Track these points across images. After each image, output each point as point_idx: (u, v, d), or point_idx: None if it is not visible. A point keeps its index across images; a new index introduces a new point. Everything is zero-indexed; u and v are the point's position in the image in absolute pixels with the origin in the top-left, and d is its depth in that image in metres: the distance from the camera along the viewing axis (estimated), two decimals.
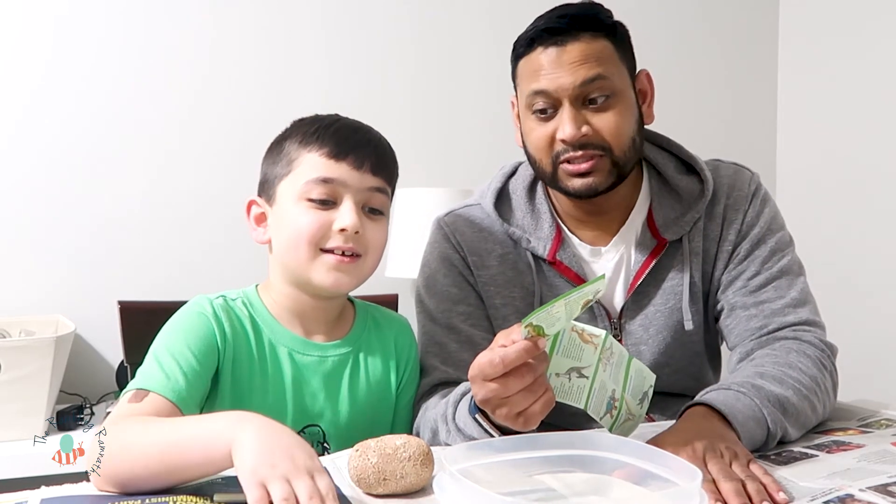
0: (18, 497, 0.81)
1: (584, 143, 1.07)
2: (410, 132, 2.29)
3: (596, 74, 1.05)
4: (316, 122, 1.04)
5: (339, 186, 1.00)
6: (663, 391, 1.18)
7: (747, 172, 1.20)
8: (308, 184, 0.99)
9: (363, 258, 1.02)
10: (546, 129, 1.09)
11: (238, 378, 1.01)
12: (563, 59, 1.05)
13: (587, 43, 1.06)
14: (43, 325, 1.87)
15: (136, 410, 0.89)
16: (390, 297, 1.75)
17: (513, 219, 1.18)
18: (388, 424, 1.11)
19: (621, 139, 1.08)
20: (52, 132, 2.00)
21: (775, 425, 0.93)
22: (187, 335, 0.98)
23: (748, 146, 2.60)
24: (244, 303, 1.06)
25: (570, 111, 1.06)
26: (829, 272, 2.27)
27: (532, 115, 1.10)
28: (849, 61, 2.43)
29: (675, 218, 1.15)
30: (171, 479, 0.80)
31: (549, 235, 1.16)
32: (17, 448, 1.61)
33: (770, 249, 1.15)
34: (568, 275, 1.15)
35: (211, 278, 2.03)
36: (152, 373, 0.94)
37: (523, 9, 2.39)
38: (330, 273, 1.00)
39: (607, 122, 1.07)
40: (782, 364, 1.01)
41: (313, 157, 1.01)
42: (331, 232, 0.99)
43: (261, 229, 1.06)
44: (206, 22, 2.13)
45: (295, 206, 1.00)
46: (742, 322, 1.13)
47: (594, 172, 1.08)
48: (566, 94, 1.06)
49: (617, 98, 1.07)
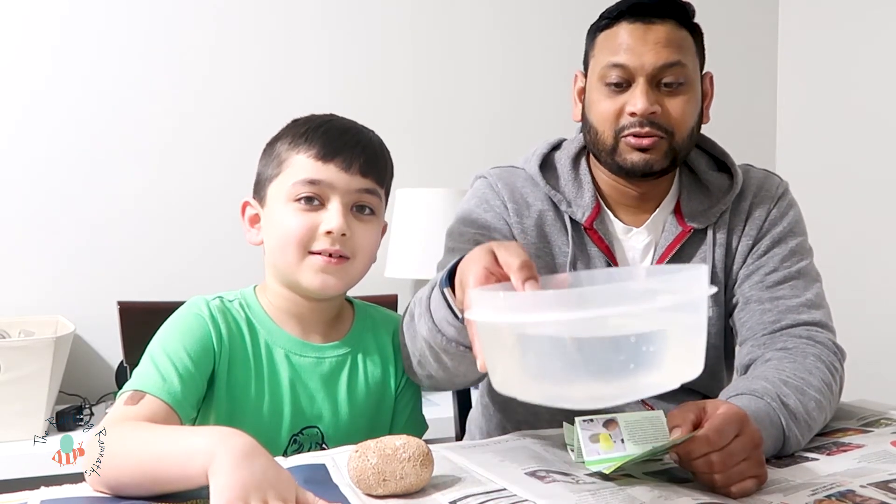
0: (18, 497, 0.81)
1: (652, 121, 1.10)
2: (410, 132, 2.29)
3: (677, 60, 1.09)
4: (307, 123, 1.04)
5: (327, 188, 1.00)
6: None
7: (777, 178, 1.23)
8: (296, 185, 0.99)
9: (352, 260, 1.01)
10: (616, 103, 1.11)
11: (234, 380, 1.01)
12: (648, 38, 1.09)
13: (673, 28, 1.10)
14: (42, 326, 1.87)
15: (132, 413, 0.89)
16: (390, 297, 1.74)
17: (556, 184, 1.20)
18: (387, 426, 1.11)
19: (684, 126, 1.11)
20: (52, 132, 2.00)
21: (794, 443, 0.94)
22: (183, 336, 0.98)
23: (748, 146, 2.60)
24: (241, 304, 1.06)
25: (645, 87, 1.09)
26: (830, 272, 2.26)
27: (605, 86, 1.12)
28: (849, 61, 2.43)
29: (703, 210, 1.18)
30: (153, 490, 0.80)
31: (590, 205, 1.17)
32: (17, 448, 1.61)
33: (790, 250, 1.16)
34: (600, 245, 1.17)
35: (210, 279, 2.03)
36: (148, 374, 0.94)
37: (524, 9, 2.41)
38: (317, 275, 1.00)
39: (676, 107, 1.10)
40: (801, 371, 1.01)
41: (301, 159, 1.00)
42: (318, 234, 0.99)
43: (254, 230, 1.06)
44: (206, 22, 2.12)
45: (284, 208, 1.00)
46: (756, 315, 1.13)
47: (653, 150, 1.11)
48: (644, 72, 1.09)
49: (689, 87, 1.11)
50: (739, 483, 0.80)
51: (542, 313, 0.63)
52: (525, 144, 1.34)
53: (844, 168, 2.45)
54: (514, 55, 2.41)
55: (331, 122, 1.05)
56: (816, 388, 0.99)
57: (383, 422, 1.10)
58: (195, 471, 0.75)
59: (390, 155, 1.09)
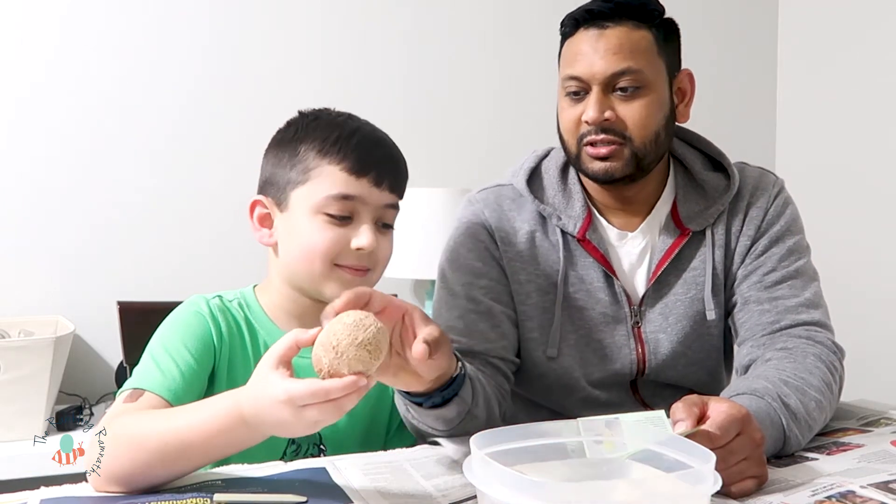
0: (18, 497, 0.81)
1: (606, 128, 1.09)
2: (410, 132, 2.27)
3: (626, 67, 1.07)
4: (334, 129, 1.01)
5: (359, 203, 0.99)
6: (675, 384, 1.18)
7: (773, 176, 1.22)
8: (327, 199, 0.98)
9: (372, 271, 1.02)
10: (575, 112, 1.11)
11: (234, 379, 1.01)
12: (599, 46, 1.08)
13: (628, 31, 1.09)
14: (42, 326, 1.86)
15: (132, 410, 0.89)
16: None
17: (544, 197, 1.20)
18: (385, 428, 1.11)
19: (644, 131, 1.10)
20: (52, 132, 2.00)
21: (794, 443, 0.94)
22: (184, 334, 0.98)
23: (748, 146, 2.60)
24: (240, 304, 1.06)
25: (598, 95, 1.09)
26: (829, 271, 2.26)
27: (565, 96, 1.13)
28: (849, 61, 2.43)
29: (700, 211, 1.17)
30: (172, 468, 0.81)
31: (581, 215, 1.17)
32: (16, 448, 1.61)
33: (788, 249, 1.16)
34: (595, 255, 1.16)
35: (210, 278, 2.02)
36: (148, 371, 0.94)
37: (523, 9, 2.41)
38: (342, 288, 0.98)
39: (631, 112, 1.09)
40: (802, 371, 1.01)
41: (334, 171, 0.98)
42: (348, 249, 0.99)
43: (265, 231, 1.04)
44: (205, 21, 2.12)
45: (311, 220, 0.99)
46: (754, 316, 1.13)
47: (612, 158, 1.10)
48: (596, 80, 1.08)
49: (646, 91, 1.09)
50: (739, 482, 0.80)
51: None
52: (525, 143, 1.33)
53: (844, 167, 2.45)
54: (514, 54, 2.41)
55: (360, 130, 1.03)
56: (817, 388, 0.99)
57: (381, 424, 1.10)
58: (231, 420, 0.78)
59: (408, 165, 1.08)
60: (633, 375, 1.19)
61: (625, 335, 1.17)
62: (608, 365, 1.18)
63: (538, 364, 1.19)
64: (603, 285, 1.17)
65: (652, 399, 1.20)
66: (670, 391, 1.17)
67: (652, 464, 0.74)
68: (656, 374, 1.18)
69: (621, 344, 1.17)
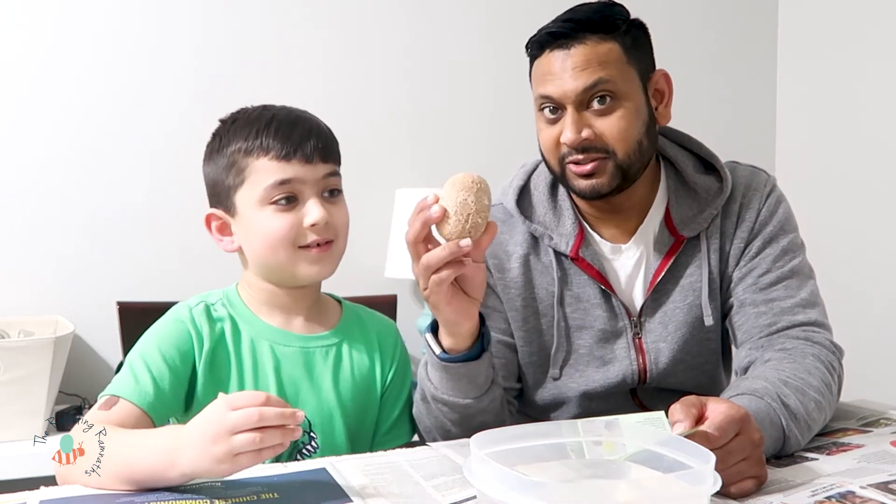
0: (18, 497, 0.81)
1: (586, 147, 1.08)
2: (408, 132, 2.28)
3: (597, 80, 1.06)
4: (253, 125, 1.06)
5: (297, 184, 1.02)
6: (676, 388, 1.18)
7: (764, 174, 1.21)
8: (266, 189, 1.01)
9: (335, 241, 1.05)
10: (553, 132, 1.10)
11: (218, 380, 1.03)
12: (566, 65, 1.07)
13: (593, 46, 1.07)
14: (42, 326, 1.86)
15: (104, 418, 0.92)
16: (389, 297, 1.75)
17: (534, 216, 1.19)
18: (374, 419, 1.12)
19: (625, 142, 1.08)
20: (50, 132, 2.00)
21: (794, 443, 0.94)
22: (160, 341, 1.01)
23: (748, 146, 2.60)
24: (224, 303, 1.08)
25: (573, 115, 1.07)
26: (829, 272, 2.26)
27: (541, 114, 1.12)
28: (848, 61, 2.43)
29: (693, 215, 1.16)
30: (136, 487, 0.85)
31: (572, 232, 1.16)
32: (16, 448, 1.61)
33: (782, 249, 1.15)
34: (590, 272, 1.16)
35: (210, 278, 2.01)
36: (124, 379, 0.97)
37: (522, 9, 2.41)
38: (312, 266, 1.04)
39: (610, 126, 1.07)
40: (801, 371, 1.01)
41: (264, 163, 1.02)
42: (303, 229, 1.02)
43: (227, 238, 1.08)
44: (204, 21, 2.12)
45: (260, 213, 1.02)
46: (751, 319, 1.13)
47: (597, 174, 1.09)
48: (569, 99, 1.07)
49: (621, 101, 1.08)
50: (738, 483, 0.80)
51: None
52: (524, 143, 1.33)
53: (844, 168, 2.45)
54: (513, 54, 2.40)
55: (275, 116, 1.06)
56: (816, 389, 0.99)
57: (370, 415, 1.12)
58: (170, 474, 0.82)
59: (332, 130, 1.10)
60: (634, 384, 1.19)
61: (625, 347, 1.17)
62: (609, 377, 1.17)
63: (538, 383, 1.20)
64: (600, 301, 1.16)
65: (651, 403, 1.20)
66: (669, 395, 1.17)
67: (652, 464, 0.75)
68: (657, 381, 1.18)
69: (622, 356, 1.17)
